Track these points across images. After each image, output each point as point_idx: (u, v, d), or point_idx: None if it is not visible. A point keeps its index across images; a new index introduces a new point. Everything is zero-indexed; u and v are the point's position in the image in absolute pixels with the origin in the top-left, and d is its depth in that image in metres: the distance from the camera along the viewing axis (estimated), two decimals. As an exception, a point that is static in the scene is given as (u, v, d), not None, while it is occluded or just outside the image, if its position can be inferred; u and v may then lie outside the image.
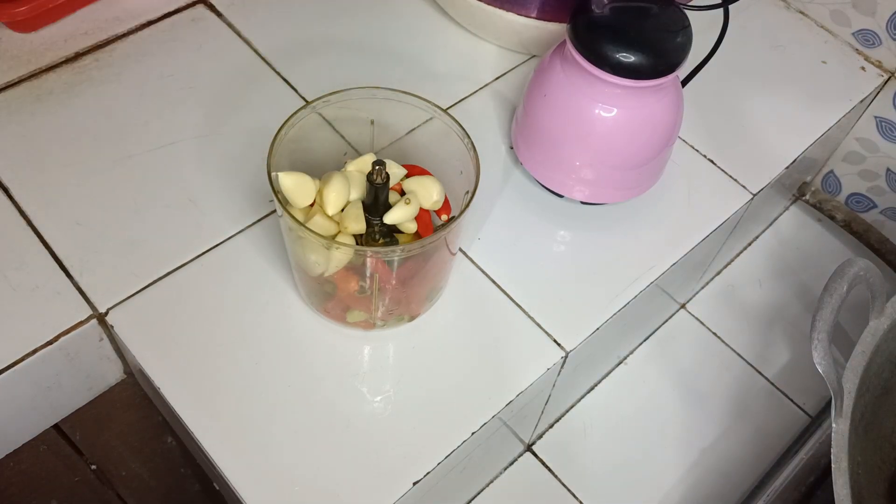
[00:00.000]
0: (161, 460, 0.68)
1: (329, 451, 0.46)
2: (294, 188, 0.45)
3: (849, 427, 0.50)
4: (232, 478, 0.45)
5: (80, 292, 0.50)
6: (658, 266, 0.56)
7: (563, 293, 0.54)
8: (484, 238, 0.56)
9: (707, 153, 0.63)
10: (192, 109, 0.59)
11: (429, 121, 0.49)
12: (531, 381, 0.50)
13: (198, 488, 0.73)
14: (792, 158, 0.64)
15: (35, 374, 0.48)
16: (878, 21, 0.69)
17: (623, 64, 0.49)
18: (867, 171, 0.77)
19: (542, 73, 0.54)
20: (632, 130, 0.53)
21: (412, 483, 0.46)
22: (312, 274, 0.46)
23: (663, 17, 0.51)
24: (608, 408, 0.67)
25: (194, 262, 0.52)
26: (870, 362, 0.53)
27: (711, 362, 0.70)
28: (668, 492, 0.64)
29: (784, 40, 0.72)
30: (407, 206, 0.46)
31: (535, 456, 0.64)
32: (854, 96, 0.69)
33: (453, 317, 0.52)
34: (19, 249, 0.51)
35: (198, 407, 0.47)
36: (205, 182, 0.56)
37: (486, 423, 0.48)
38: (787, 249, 0.78)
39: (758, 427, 0.68)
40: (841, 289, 0.52)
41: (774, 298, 0.75)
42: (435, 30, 0.67)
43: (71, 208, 0.53)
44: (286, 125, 0.46)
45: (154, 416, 0.61)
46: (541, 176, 0.57)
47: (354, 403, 0.48)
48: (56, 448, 0.58)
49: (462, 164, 0.48)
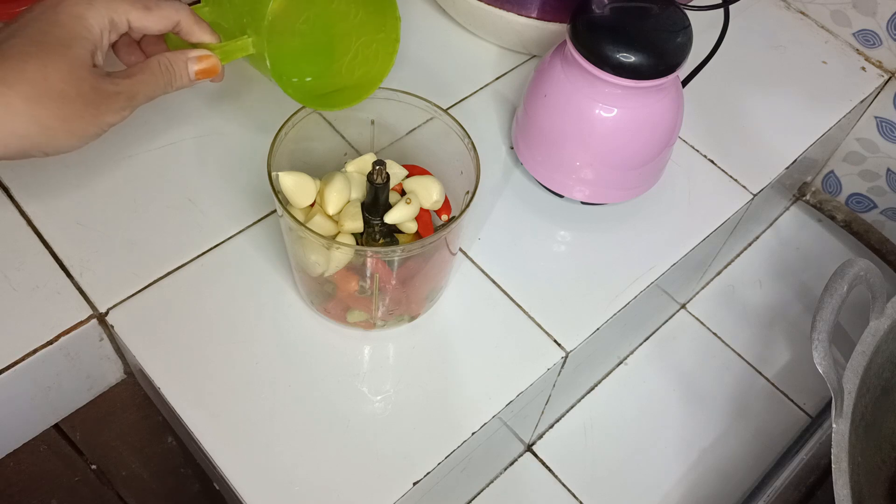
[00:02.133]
0: (161, 460, 0.68)
1: (329, 451, 0.46)
2: (294, 188, 0.45)
3: (849, 427, 0.50)
4: (232, 478, 0.45)
5: (80, 292, 0.50)
6: (658, 266, 0.56)
7: (563, 293, 0.54)
8: (484, 238, 0.56)
9: (707, 153, 0.63)
10: (193, 109, 0.59)
11: (429, 121, 0.49)
12: (531, 381, 0.50)
13: (198, 488, 0.73)
14: (792, 158, 0.64)
15: (35, 374, 0.48)
16: (879, 21, 0.69)
17: (623, 64, 0.49)
18: (867, 172, 0.77)
19: (542, 73, 0.54)
20: (632, 130, 0.53)
21: (412, 483, 0.46)
22: (313, 274, 0.46)
23: (664, 18, 0.51)
24: (608, 408, 0.67)
25: (194, 262, 0.52)
26: (870, 362, 0.53)
27: (712, 362, 0.70)
28: (668, 492, 0.64)
29: (784, 40, 0.72)
30: (407, 205, 0.46)
31: (535, 456, 0.64)
32: (854, 96, 0.69)
33: (453, 317, 0.52)
34: (19, 249, 0.51)
35: (198, 407, 0.47)
36: (205, 182, 0.56)
37: (486, 423, 0.48)
38: (787, 250, 0.78)
39: (758, 427, 0.68)
40: (841, 289, 0.52)
41: (775, 299, 0.75)
42: (435, 30, 0.67)
43: (71, 208, 0.53)
44: (286, 125, 0.46)
45: (154, 416, 0.61)
46: (541, 176, 0.57)
47: (354, 403, 0.48)
48: (56, 448, 0.58)
49: (462, 164, 0.48)
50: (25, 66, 0.37)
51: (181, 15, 0.43)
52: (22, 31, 0.38)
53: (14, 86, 0.36)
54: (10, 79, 0.36)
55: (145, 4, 0.41)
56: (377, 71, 0.51)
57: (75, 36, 0.38)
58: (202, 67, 0.43)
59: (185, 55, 0.43)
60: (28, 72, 0.37)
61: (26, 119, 0.37)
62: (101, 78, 0.39)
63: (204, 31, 0.44)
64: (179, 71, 0.43)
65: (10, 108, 0.36)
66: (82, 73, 0.38)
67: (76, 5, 0.39)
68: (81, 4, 0.39)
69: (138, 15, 0.41)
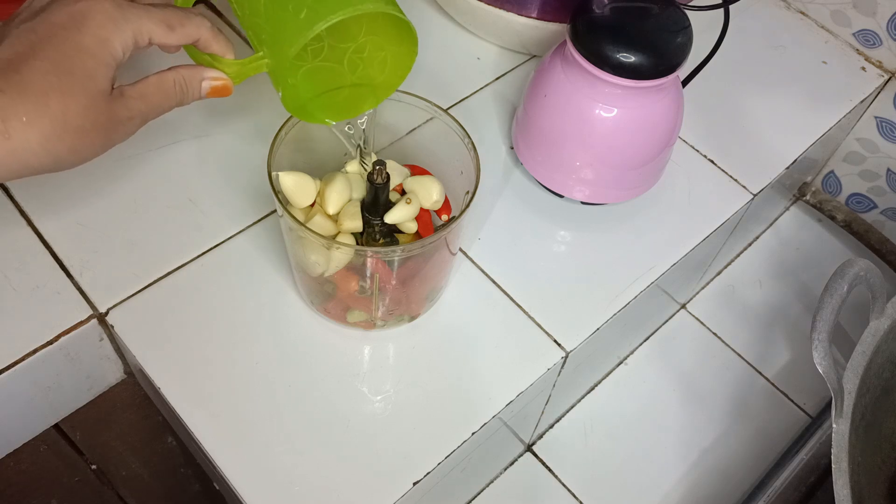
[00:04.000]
0: (161, 460, 0.68)
1: (329, 451, 0.47)
2: (294, 188, 0.45)
3: (849, 427, 0.50)
4: (232, 478, 0.45)
5: (80, 292, 0.50)
6: (658, 266, 0.56)
7: (563, 293, 0.54)
8: (484, 238, 0.56)
9: (707, 153, 0.63)
10: (192, 109, 0.59)
11: (429, 121, 0.49)
12: (531, 381, 0.50)
13: (198, 488, 0.73)
14: (792, 159, 0.64)
15: (35, 374, 0.48)
16: (879, 21, 0.69)
17: (623, 64, 0.49)
18: (868, 172, 0.77)
19: (542, 73, 0.54)
20: (632, 130, 0.53)
21: (412, 483, 0.46)
22: (313, 274, 0.46)
23: (664, 18, 0.51)
24: (608, 408, 0.67)
25: (194, 262, 0.52)
26: (870, 362, 0.53)
27: (712, 362, 0.70)
28: (668, 492, 0.64)
29: (784, 40, 0.72)
30: (407, 205, 0.46)
31: (535, 456, 0.64)
32: (854, 96, 0.69)
33: (453, 317, 0.52)
34: (19, 249, 0.51)
35: (198, 407, 0.47)
36: (205, 182, 0.56)
37: (486, 423, 0.48)
38: (787, 250, 0.78)
39: (758, 427, 0.68)
40: (841, 289, 0.52)
41: (775, 299, 0.75)
42: (435, 30, 0.67)
43: (71, 208, 0.53)
44: (286, 125, 0.46)
45: (154, 416, 0.61)
46: (541, 176, 0.57)
47: (354, 403, 0.48)
48: (56, 448, 0.58)
49: (462, 164, 0.48)
50: (48, 101, 0.36)
51: (202, 31, 0.42)
52: (43, 50, 0.37)
53: (35, 123, 0.36)
54: (31, 115, 0.36)
55: (169, 24, 0.40)
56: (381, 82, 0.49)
57: (100, 63, 0.38)
58: (216, 86, 0.43)
59: (201, 74, 0.42)
60: (50, 108, 0.36)
61: (41, 154, 0.36)
62: (117, 103, 0.39)
63: (221, 45, 0.43)
64: (193, 90, 0.42)
65: (27, 145, 0.36)
66: (100, 105, 0.38)
67: (102, 27, 0.38)
68: (108, 26, 0.38)
69: (161, 33, 0.40)
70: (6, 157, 0.35)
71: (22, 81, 0.36)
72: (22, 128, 0.35)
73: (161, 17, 0.40)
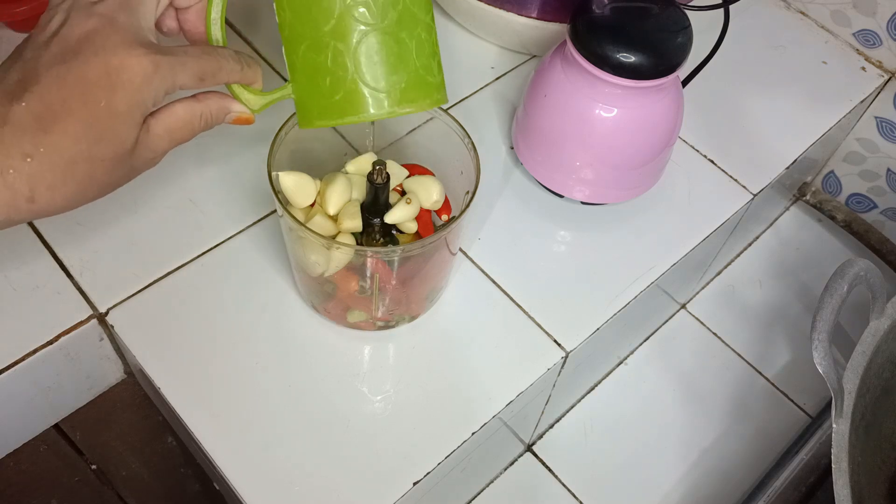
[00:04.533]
0: (161, 460, 0.68)
1: (329, 451, 0.47)
2: (294, 188, 0.45)
3: (849, 427, 0.50)
4: (232, 478, 0.45)
5: (80, 292, 0.50)
6: (658, 266, 0.56)
7: (563, 293, 0.54)
8: (484, 238, 0.56)
9: (707, 153, 0.63)
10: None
11: (429, 121, 0.49)
12: (531, 381, 0.50)
13: (198, 488, 0.73)
14: (792, 159, 0.64)
15: (35, 374, 0.48)
16: (879, 21, 0.69)
17: (623, 64, 0.49)
18: (868, 172, 0.77)
19: (542, 73, 0.54)
20: (632, 130, 0.53)
21: (412, 483, 0.46)
22: (313, 274, 0.46)
23: (664, 18, 0.51)
24: (608, 408, 0.67)
25: (194, 262, 0.52)
26: (870, 363, 0.53)
27: (712, 362, 0.70)
28: (668, 492, 0.64)
29: (784, 40, 0.72)
30: (407, 205, 0.46)
31: (535, 456, 0.64)
32: (854, 96, 0.69)
33: (453, 317, 0.52)
34: (19, 249, 0.51)
35: (198, 407, 0.47)
36: (205, 182, 0.56)
37: (486, 423, 0.48)
38: (787, 250, 0.78)
39: (758, 427, 0.68)
40: (841, 289, 0.52)
41: (775, 299, 0.75)
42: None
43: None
44: (286, 125, 0.46)
45: (154, 416, 0.61)
46: (541, 176, 0.57)
47: (354, 403, 0.48)
48: (56, 448, 0.58)
49: (462, 164, 0.48)
50: (75, 169, 0.35)
51: (232, 77, 0.41)
52: (75, 111, 0.35)
53: (59, 190, 0.36)
54: (58, 183, 0.35)
55: (202, 76, 0.39)
56: None
57: (132, 126, 0.37)
58: (239, 118, 0.43)
59: (228, 108, 0.42)
60: (76, 175, 0.36)
61: (63, 209, 0.37)
62: (141, 146, 0.38)
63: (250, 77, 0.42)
64: (217, 121, 0.42)
65: (49, 208, 0.36)
66: (126, 159, 0.37)
67: (138, 91, 0.36)
68: (143, 90, 0.36)
69: (193, 84, 0.39)
70: (28, 216, 0.36)
71: (52, 145, 0.35)
72: (48, 193, 0.35)
73: (195, 69, 0.39)
